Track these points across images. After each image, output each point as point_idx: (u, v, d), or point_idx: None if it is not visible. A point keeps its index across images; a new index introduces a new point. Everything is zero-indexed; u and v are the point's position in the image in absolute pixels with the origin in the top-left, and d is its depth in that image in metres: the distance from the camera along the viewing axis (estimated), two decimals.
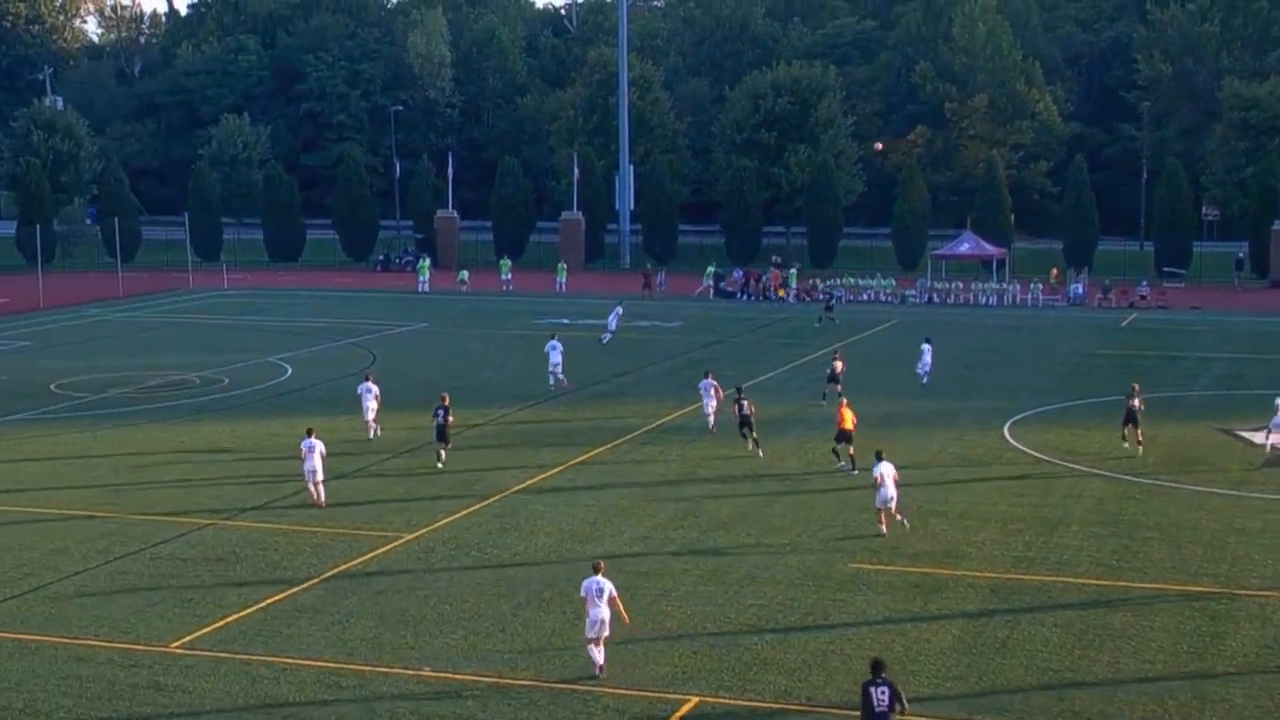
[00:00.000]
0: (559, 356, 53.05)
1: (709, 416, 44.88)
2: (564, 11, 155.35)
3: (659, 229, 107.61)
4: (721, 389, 45.56)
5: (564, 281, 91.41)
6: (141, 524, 34.21)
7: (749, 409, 42.03)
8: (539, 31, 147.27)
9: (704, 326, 72.92)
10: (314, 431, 36.66)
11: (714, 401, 44.85)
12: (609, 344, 64.50)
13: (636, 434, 44.84)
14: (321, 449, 36.07)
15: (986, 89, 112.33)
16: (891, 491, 32.98)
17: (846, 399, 42.11)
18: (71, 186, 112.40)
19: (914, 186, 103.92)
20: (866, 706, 19.93)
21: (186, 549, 32.20)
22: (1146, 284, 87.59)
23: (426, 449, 41.50)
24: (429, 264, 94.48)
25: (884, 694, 19.89)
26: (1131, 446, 41.75)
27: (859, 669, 22.34)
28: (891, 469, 33.21)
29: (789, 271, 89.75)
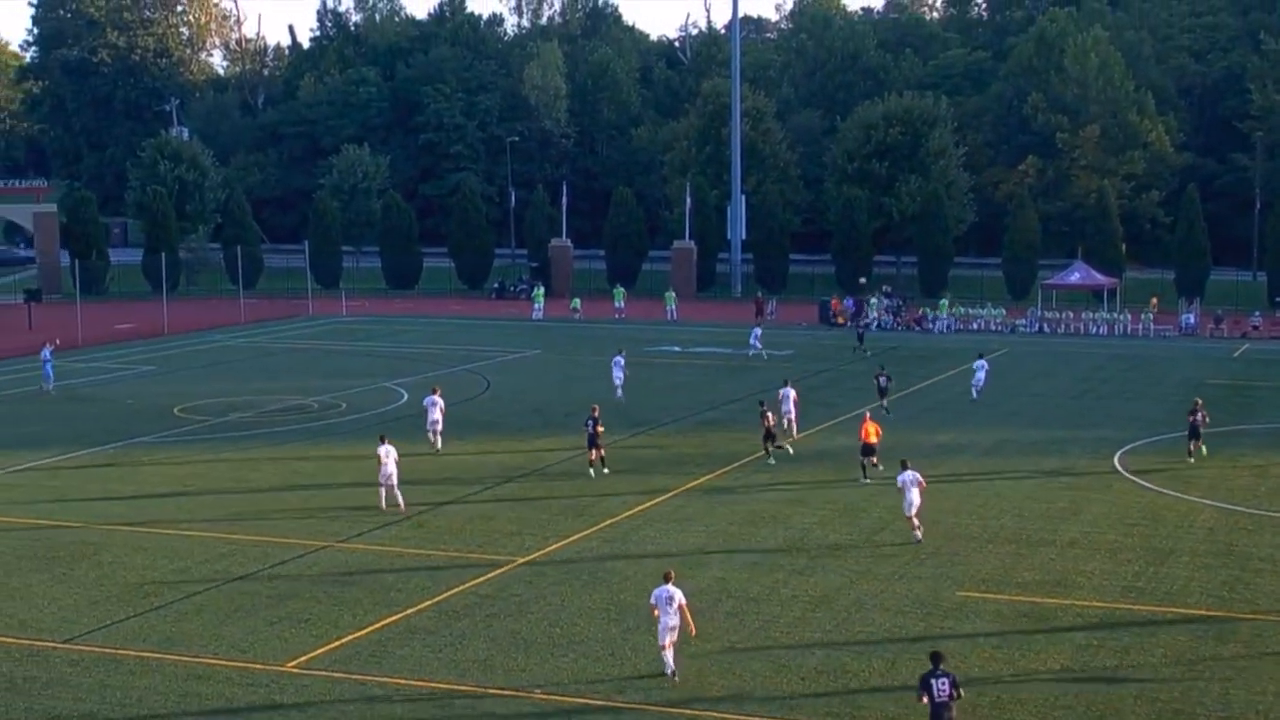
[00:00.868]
0: (621, 374, 56.33)
1: (790, 423, 47.92)
2: (678, 44, 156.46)
3: (770, 258, 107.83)
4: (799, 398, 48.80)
5: (674, 309, 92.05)
6: (259, 545, 34.98)
7: (770, 421, 44.67)
8: (653, 63, 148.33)
9: (815, 355, 72.91)
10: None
11: (793, 410, 48.22)
12: (728, 368, 66.58)
13: (746, 460, 45.03)
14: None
15: (1098, 119, 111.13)
16: (914, 499, 34.48)
17: (871, 412, 45.14)
18: (196, 215, 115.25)
19: (1024, 216, 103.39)
20: (928, 697, 21.06)
21: (303, 570, 32.87)
22: (1259, 314, 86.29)
23: (537, 473, 42.46)
24: (544, 292, 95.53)
25: (944, 685, 21.06)
26: (1196, 460, 43.37)
27: (966, 697, 22.41)
28: (915, 476, 34.74)
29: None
